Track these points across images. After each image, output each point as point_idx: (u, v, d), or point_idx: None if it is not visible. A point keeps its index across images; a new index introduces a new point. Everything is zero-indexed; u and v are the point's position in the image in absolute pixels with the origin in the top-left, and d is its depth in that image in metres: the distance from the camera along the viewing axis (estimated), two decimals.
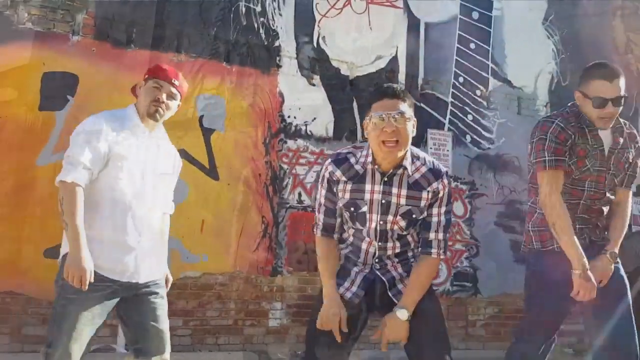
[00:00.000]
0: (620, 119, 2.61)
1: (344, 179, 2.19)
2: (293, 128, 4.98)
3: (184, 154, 4.04)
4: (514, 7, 6.00)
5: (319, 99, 5.10)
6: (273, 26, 5.02)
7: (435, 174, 2.18)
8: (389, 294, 2.21)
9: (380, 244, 2.21)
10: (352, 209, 2.19)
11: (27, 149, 4.12)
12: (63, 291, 2.23)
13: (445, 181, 2.19)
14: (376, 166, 2.13)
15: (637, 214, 6.28)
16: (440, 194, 2.17)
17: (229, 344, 4.56)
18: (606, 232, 2.63)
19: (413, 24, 5.57)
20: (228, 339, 4.57)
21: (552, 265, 2.52)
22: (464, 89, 5.68)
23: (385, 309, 2.19)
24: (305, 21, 5.15)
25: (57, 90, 4.23)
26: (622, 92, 2.49)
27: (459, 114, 5.62)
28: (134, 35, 4.52)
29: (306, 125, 5.02)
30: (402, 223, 2.17)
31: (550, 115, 2.70)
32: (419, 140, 5.41)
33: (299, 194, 4.92)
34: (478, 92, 5.72)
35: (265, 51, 4.97)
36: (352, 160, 2.19)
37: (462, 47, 5.73)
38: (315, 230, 2.32)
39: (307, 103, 5.02)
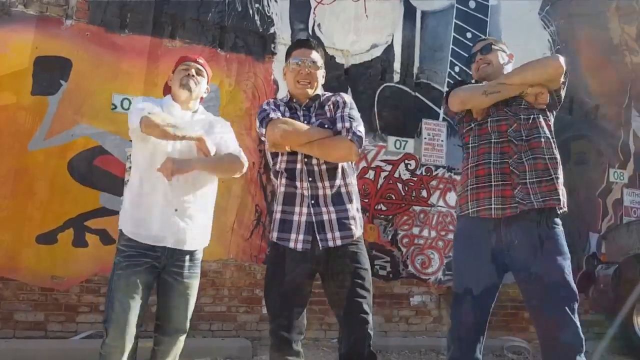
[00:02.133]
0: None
1: (282, 105, 2.49)
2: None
3: None
4: None
5: None
6: (268, 13, 4.98)
7: (332, 95, 2.49)
8: (317, 237, 2.31)
9: (306, 159, 2.36)
10: None
11: (19, 134, 4.09)
12: (115, 267, 2.45)
13: (342, 94, 2.49)
14: (294, 101, 2.48)
15: (627, 204, 6.33)
16: (339, 102, 2.44)
17: (223, 330, 4.58)
18: None
19: (409, 12, 5.54)
20: (222, 326, 4.58)
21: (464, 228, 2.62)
22: (460, 79, 5.67)
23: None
24: (300, 8, 5.11)
25: (51, 75, 4.19)
26: (488, 41, 2.87)
27: None
28: (128, 20, 4.47)
29: None
30: None
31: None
32: (414, 130, 5.41)
33: None
34: (474, 82, 5.70)
35: (260, 38, 4.93)
36: (279, 103, 2.50)
37: (458, 36, 5.71)
38: (262, 125, 2.40)
39: None
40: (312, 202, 2.33)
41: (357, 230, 2.37)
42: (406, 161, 5.39)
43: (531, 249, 2.41)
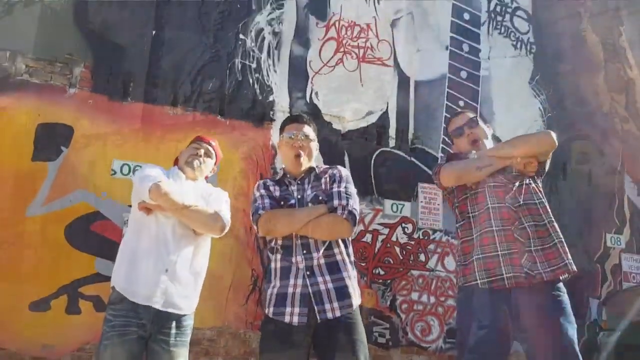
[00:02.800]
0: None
1: (273, 185, 2.53)
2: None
3: None
4: (501, 67, 6.20)
5: None
6: (267, 82, 5.14)
7: (329, 168, 2.56)
8: (315, 308, 2.25)
9: (305, 254, 2.32)
10: (282, 203, 2.45)
11: (17, 200, 4.10)
12: (102, 336, 2.46)
13: (339, 167, 2.54)
14: (288, 175, 2.54)
15: (626, 270, 6.28)
16: (336, 176, 2.47)
17: None
18: None
19: (403, 81, 5.73)
20: None
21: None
22: (449, 153, 5.77)
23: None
24: (298, 77, 5.28)
25: (51, 141, 4.26)
26: (471, 115, 2.89)
27: None
28: (131, 88, 4.60)
29: None
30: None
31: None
32: (410, 194, 5.45)
33: None
34: (459, 154, 5.81)
35: (259, 105, 5.06)
36: (269, 182, 2.56)
37: (450, 104, 5.87)
38: (255, 218, 2.44)
39: None
40: (307, 272, 2.28)
41: (356, 299, 2.32)
42: (403, 224, 5.39)
43: (538, 317, 2.37)
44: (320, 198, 2.40)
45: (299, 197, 2.45)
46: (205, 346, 4.47)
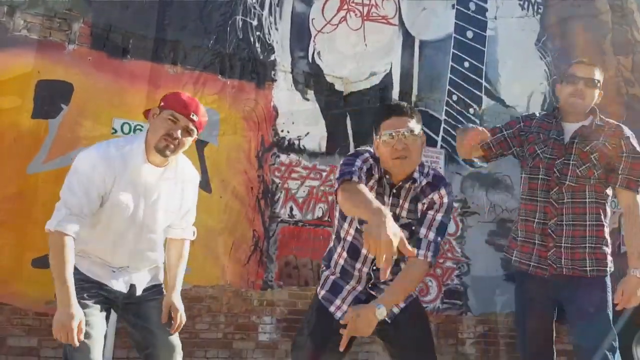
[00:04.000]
0: (608, 120, 2.67)
1: (373, 174, 2.19)
2: (286, 142, 4.98)
3: None
4: (508, 27, 6.08)
5: (313, 114, 5.11)
6: (269, 40, 5.05)
7: (433, 186, 2.20)
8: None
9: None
10: None
11: (18, 157, 4.09)
12: None
13: (443, 192, 2.19)
14: (387, 177, 2.17)
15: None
16: (437, 204, 2.17)
17: (218, 357, 4.51)
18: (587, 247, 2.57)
19: (408, 41, 5.62)
20: (217, 353, 4.52)
21: None
22: (458, 107, 5.73)
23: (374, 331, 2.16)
24: (300, 36, 5.18)
25: (51, 99, 4.22)
26: (596, 77, 2.61)
27: (452, 131, 5.65)
28: (131, 45, 4.52)
29: (299, 139, 5.03)
30: (404, 234, 2.06)
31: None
32: None
33: (291, 209, 4.91)
34: (471, 111, 5.77)
35: (260, 65, 4.99)
36: (374, 164, 2.20)
37: (456, 66, 5.79)
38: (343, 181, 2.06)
39: (300, 118, 5.03)
40: (370, 286, 2.23)
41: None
42: None
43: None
44: (413, 229, 2.15)
45: (392, 211, 2.09)
46: (207, 303, 4.54)
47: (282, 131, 4.99)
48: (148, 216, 2.26)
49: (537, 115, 2.79)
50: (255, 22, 5.00)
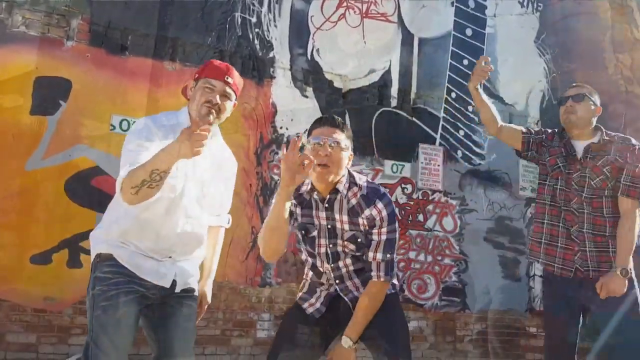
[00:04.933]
0: (616, 134, 2.87)
1: (295, 202, 2.27)
2: (285, 139, 4.98)
3: None
4: (507, 25, 6.08)
5: (312, 111, 5.11)
6: (268, 37, 5.04)
7: (368, 200, 2.19)
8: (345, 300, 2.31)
9: (332, 265, 2.27)
10: (303, 232, 2.30)
11: (16, 154, 4.09)
12: (96, 300, 2.04)
13: (380, 205, 2.18)
14: (315, 192, 2.21)
15: None
16: (377, 220, 2.18)
17: (216, 354, 4.52)
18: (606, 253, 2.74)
19: (407, 38, 5.62)
20: (215, 349, 4.53)
21: None
22: (456, 105, 5.73)
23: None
24: (300, 33, 5.18)
25: (50, 95, 4.21)
26: (583, 92, 2.87)
27: (451, 129, 5.66)
28: (129, 42, 4.51)
29: (298, 136, 5.01)
30: (352, 246, 2.23)
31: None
32: (410, 155, 5.44)
33: None
34: (470, 108, 5.77)
35: (259, 62, 4.98)
36: (303, 188, 2.26)
37: (455, 63, 5.79)
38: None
39: (299, 114, 5.03)
40: (337, 281, 2.31)
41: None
42: (403, 185, 5.40)
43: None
44: (359, 240, 2.20)
45: (328, 226, 2.21)
46: None
47: (281, 128, 4.99)
48: (193, 194, 2.18)
49: (555, 132, 3.00)
50: (254, 19, 5.00)
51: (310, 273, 2.39)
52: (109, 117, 4.35)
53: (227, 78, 2.17)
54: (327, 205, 2.21)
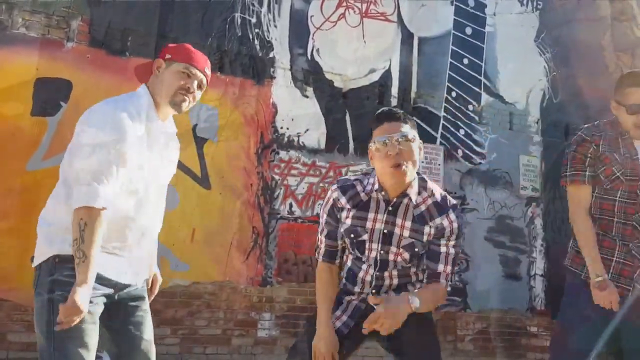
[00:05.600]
0: None
1: (348, 206, 2.13)
2: (285, 139, 4.99)
3: None
4: (507, 24, 6.08)
5: (312, 111, 5.12)
6: (268, 37, 5.05)
7: (440, 208, 2.08)
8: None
9: (377, 273, 2.13)
10: (352, 235, 2.13)
11: (17, 154, 4.10)
12: (56, 306, 1.83)
13: (452, 216, 2.07)
14: (382, 193, 2.07)
15: None
16: (447, 230, 2.07)
17: (217, 353, 4.53)
18: None
19: (407, 38, 5.63)
20: (216, 349, 4.54)
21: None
22: (457, 104, 5.73)
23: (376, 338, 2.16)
24: (299, 33, 5.18)
25: (50, 96, 4.23)
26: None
27: (451, 128, 5.66)
28: (130, 43, 4.53)
29: (299, 136, 5.03)
30: (406, 255, 2.09)
31: (583, 127, 2.68)
32: None
33: (290, 205, 4.93)
34: (470, 107, 5.77)
35: (259, 62, 4.99)
36: (359, 187, 2.13)
37: (455, 62, 5.79)
38: (317, 255, 2.27)
39: (300, 114, 5.04)
40: (374, 292, 2.17)
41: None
42: None
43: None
44: (416, 250, 2.07)
45: (385, 230, 2.07)
46: (206, 300, 4.56)
47: (281, 128, 4.99)
48: (162, 174, 2.13)
49: (600, 126, 2.58)
50: (254, 20, 5.01)
51: (344, 281, 2.23)
52: None
53: (206, 69, 2.09)
54: (391, 208, 2.07)
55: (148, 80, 2.09)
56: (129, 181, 1.95)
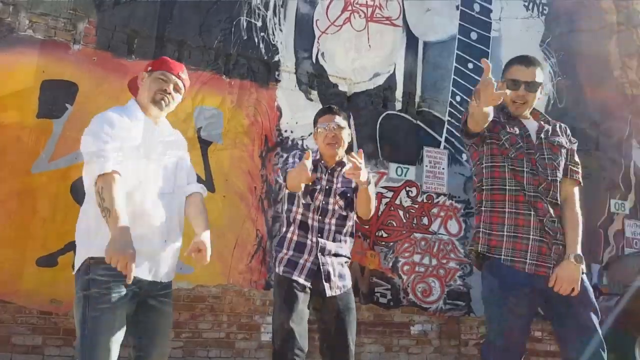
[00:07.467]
0: (546, 115, 2.73)
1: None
2: (290, 142, 4.99)
3: None
4: (512, 28, 6.08)
5: None
6: (273, 41, 5.06)
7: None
8: (323, 284, 2.63)
9: (320, 217, 2.70)
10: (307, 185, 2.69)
11: (23, 156, 4.11)
12: (92, 303, 2.06)
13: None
14: (322, 162, 2.76)
15: (629, 236, 6.31)
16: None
17: (221, 357, 4.53)
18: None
19: (411, 42, 5.63)
20: (220, 352, 4.54)
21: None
22: (461, 108, 5.73)
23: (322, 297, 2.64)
24: (305, 37, 5.19)
25: (56, 98, 4.24)
26: (537, 79, 2.60)
27: (456, 132, 5.66)
28: (135, 45, 4.54)
29: (303, 140, 5.04)
30: (341, 202, 2.74)
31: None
32: (415, 157, 5.44)
33: None
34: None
35: (264, 66, 5.00)
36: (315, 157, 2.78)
37: (460, 67, 5.79)
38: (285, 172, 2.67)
39: (304, 118, 5.04)
40: (319, 252, 2.67)
41: (349, 281, 2.75)
42: (407, 188, 5.40)
43: (564, 301, 2.38)
44: (348, 195, 2.74)
45: (326, 187, 2.75)
46: (210, 303, 4.56)
47: (285, 131, 5.00)
48: (166, 175, 2.36)
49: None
50: (259, 23, 5.02)
51: (294, 245, 2.69)
52: None
53: (180, 73, 2.43)
54: (329, 172, 2.75)
55: (137, 94, 2.46)
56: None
